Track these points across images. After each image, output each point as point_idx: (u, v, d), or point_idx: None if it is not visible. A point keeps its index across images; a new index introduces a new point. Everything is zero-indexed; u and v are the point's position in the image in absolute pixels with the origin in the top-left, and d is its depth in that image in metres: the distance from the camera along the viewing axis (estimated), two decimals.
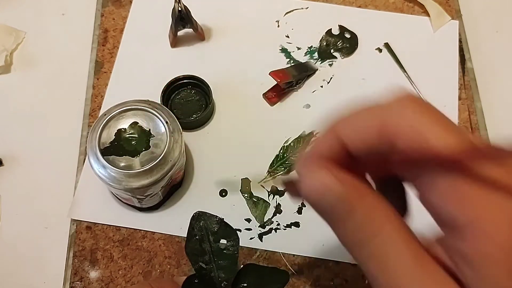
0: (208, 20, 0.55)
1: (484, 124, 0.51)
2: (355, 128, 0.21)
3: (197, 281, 0.35)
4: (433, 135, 0.18)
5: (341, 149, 0.21)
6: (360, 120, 0.21)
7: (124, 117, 0.40)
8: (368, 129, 0.20)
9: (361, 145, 0.20)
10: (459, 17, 0.57)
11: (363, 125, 0.20)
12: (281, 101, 0.52)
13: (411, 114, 0.19)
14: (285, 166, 0.48)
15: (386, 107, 0.20)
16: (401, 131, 0.19)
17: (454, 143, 0.18)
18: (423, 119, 0.19)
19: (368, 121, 0.20)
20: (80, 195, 0.46)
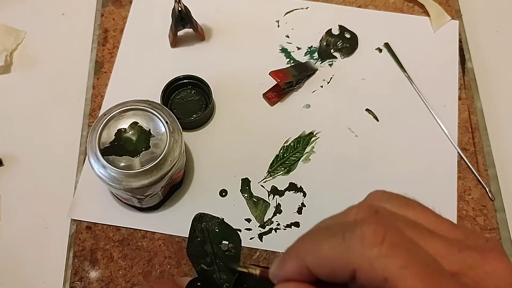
0: (208, 20, 0.55)
1: (484, 124, 0.51)
2: (318, 260, 0.21)
3: (200, 284, 0.35)
4: (398, 279, 0.18)
5: (308, 273, 0.22)
6: (323, 253, 0.21)
7: (124, 117, 0.40)
8: (331, 265, 0.21)
9: (326, 276, 0.21)
10: (459, 17, 0.57)
11: (325, 259, 0.21)
12: (281, 101, 0.52)
13: (374, 255, 0.19)
14: (285, 166, 0.48)
15: (349, 242, 0.20)
16: (364, 273, 0.19)
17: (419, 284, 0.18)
18: (387, 261, 0.19)
19: (330, 256, 0.21)
20: (80, 195, 0.46)
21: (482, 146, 0.50)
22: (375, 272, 0.19)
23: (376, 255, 0.19)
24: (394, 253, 0.19)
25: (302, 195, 0.47)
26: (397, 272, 0.18)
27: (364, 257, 0.19)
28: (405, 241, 0.20)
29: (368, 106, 0.52)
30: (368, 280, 0.19)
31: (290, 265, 0.23)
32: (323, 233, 0.22)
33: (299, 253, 0.22)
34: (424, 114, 0.51)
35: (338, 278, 0.21)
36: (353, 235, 0.20)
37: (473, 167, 0.48)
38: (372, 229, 0.20)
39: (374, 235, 0.20)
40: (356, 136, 0.50)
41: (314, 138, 0.50)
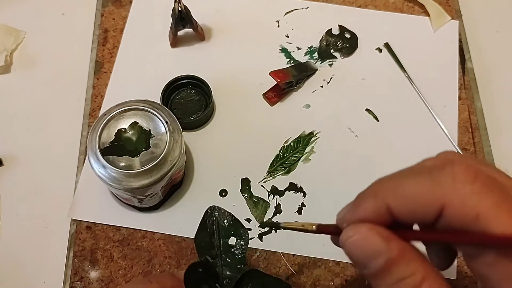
0: (208, 20, 0.55)
1: (484, 124, 0.51)
2: (403, 199, 0.21)
3: (201, 270, 0.34)
4: (491, 217, 0.18)
5: (386, 215, 0.21)
6: (410, 190, 0.21)
7: (124, 117, 0.40)
8: (418, 202, 0.20)
9: (409, 216, 0.20)
10: (459, 17, 0.57)
11: (413, 197, 0.20)
12: (281, 101, 0.52)
13: (467, 191, 0.19)
14: (285, 166, 0.48)
15: (439, 179, 0.20)
16: (454, 209, 0.19)
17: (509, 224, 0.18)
18: (480, 198, 0.19)
19: (418, 194, 0.20)
20: (80, 195, 0.46)
21: (482, 146, 0.50)
22: (466, 209, 0.19)
23: (469, 191, 0.19)
24: (487, 191, 0.19)
25: (302, 195, 0.47)
26: (490, 209, 0.18)
27: (456, 193, 0.19)
28: (496, 182, 0.20)
29: (368, 106, 0.52)
30: (458, 217, 0.19)
31: (367, 206, 0.22)
32: (405, 174, 0.22)
33: (378, 192, 0.22)
34: (424, 114, 0.51)
35: (422, 216, 0.20)
36: (443, 172, 0.20)
37: None
38: (463, 167, 0.20)
39: (466, 173, 0.19)
40: (356, 136, 0.50)
41: (314, 138, 0.50)
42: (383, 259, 0.20)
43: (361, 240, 0.21)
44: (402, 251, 0.20)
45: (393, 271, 0.20)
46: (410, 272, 0.19)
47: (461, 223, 0.19)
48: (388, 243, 0.20)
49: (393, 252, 0.20)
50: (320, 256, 0.44)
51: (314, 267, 0.44)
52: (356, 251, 0.21)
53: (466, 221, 0.19)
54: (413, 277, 0.19)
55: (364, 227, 0.21)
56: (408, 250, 0.20)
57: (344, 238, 0.21)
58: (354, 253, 0.21)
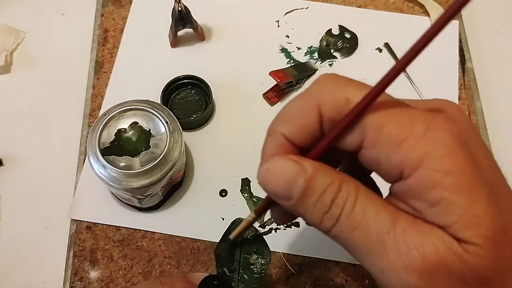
0: (208, 20, 0.55)
1: (484, 124, 0.51)
2: (289, 121, 0.22)
3: (216, 283, 0.34)
4: (356, 97, 0.20)
5: (287, 144, 0.22)
6: (291, 111, 0.22)
7: (124, 117, 0.40)
8: (300, 117, 0.22)
9: (301, 134, 0.22)
10: (459, 17, 0.57)
11: (294, 114, 0.22)
12: (281, 101, 0.52)
13: (332, 86, 0.21)
14: None
15: (309, 90, 0.22)
16: (328, 104, 0.21)
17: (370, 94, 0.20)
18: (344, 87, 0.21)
19: (297, 109, 0.22)
20: (80, 195, 0.46)
21: None
22: (336, 98, 0.21)
23: (334, 86, 0.21)
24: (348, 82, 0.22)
25: None
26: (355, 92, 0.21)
27: (324, 91, 0.21)
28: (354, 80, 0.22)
29: None
30: (332, 108, 0.21)
31: (268, 145, 0.23)
32: (286, 104, 0.23)
33: (271, 128, 0.23)
34: None
35: (310, 128, 0.22)
36: (311, 86, 0.22)
37: None
38: (325, 75, 0.22)
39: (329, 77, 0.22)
40: None
41: None
42: (302, 180, 0.20)
43: (276, 168, 0.21)
44: (315, 166, 0.21)
45: (314, 186, 0.20)
46: (328, 181, 0.20)
47: (337, 114, 0.21)
48: (301, 164, 0.21)
49: (309, 170, 0.21)
50: (320, 256, 0.44)
51: (314, 267, 0.44)
52: (275, 180, 0.21)
53: (340, 109, 0.21)
54: (332, 185, 0.20)
55: (275, 157, 0.22)
56: (321, 165, 0.21)
57: (261, 175, 0.22)
58: (274, 184, 0.21)
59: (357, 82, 0.21)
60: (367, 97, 0.20)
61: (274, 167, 0.21)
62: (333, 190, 0.20)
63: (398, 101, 0.21)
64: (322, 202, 0.20)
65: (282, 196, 0.21)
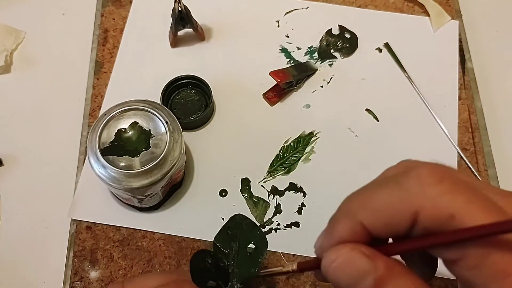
0: (208, 20, 0.55)
1: (484, 124, 0.51)
2: (374, 213, 0.20)
3: (210, 261, 0.34)
4: (465, 214, 0.18)
5: (363, 231, 0.20)
6: (379, 203, 0.20)
7: (124, 117, 0.40)
8: (389, 214, 0.19)
9: (384, 229, 0.20)
10: (459, 17, 0.57)
11: (383, 209, 0.20)
12: (281, 101, 0.52)
13: (437, 193, 0.18)
14: (285, 166, 0.48)
15: (406, 185, 0.19)
16: (427, 213, 0.18)
17: (487, 218, 0.17)
18: (451, 197, 0.18)
19: (388, 204, 0.19)
20: (80, 195, 0.46)
21: (482, 146, 0.50)
22: (439, 210, 0.18)
23: (439, 192, 0.18)
24: (456, 189, 0.18)
25: (302, 195, 0.47)
26: (463, 207, 0.18)
27: (426, 196, 0.18)
28: (463, 180, 0.19)
29: (368, 106, 0.52)
30: (432, 220, 0.18)
31: (342, 226, 0.21)
32: (372, 186, 0.21)
33: (350, 210, 0.21)
34: (424, 114, 0.51)
35: (398, 227, 0.19)
36: (408, 178, 0.19)
37: (473, 167, 0.48)
38: (428, 169, 0.19)
39: (432, 174, 0.19)
40: (356, 136, 0.50)
41: (314, 138, 0.50)
42: (372, 279, 0.19)
43: (346, 262, 0.20)
44: (388, 268, 0.19)
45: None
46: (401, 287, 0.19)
47: (436, 226, 0.18)
48: (373, 261, 0.19)
49: (380, 270, 0.19)
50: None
51: None
52: (342, 274, 0.20)
53: (441, 223, 0.18)
54: None
55: (345, 248, 0.20)
56: (395, 265, 0.19)
57: (327, 264, 0.20)
58: (340, 278, 0.20)
59: (465, 188, 0.18)
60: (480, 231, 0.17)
61: (344, 259, 0.20)
62: None
63: None
64: None
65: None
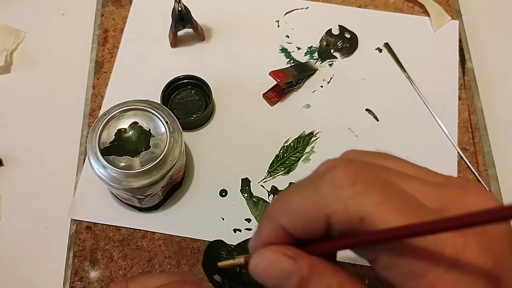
0: (208, 20, 0.55)
1: (484, 124, 0.51)
2: (291, 216, 0.20)
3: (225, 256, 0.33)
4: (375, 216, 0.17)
5: (285, 233, 0.20)
6: (295, 206, 0.20)
7: (124, 117, 0.40)
8: (304, 217, 0.19)
9: (303, 231, 0.20)
10: (459, 17, 0.57)
11: (298, 212, 0.19)
12: (281, 101, 0.52)
13: (347, 195, 0.18)
14: (285, 166, 0.48)
15: (320, 188, 0.19)
16: (339, 217, 0.18)
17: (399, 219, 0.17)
18: (361, 199, 0.18)
19: (303, 208, 0.19)
20: (80, 195, 0.46)
21: (482, 146, 0.50)
22: (349, 214, 0.18)
23: (350, 195, 0.18)
24: (368, 190, 0.18)
25: None
26: (374, 209, 0.17)
27: (337, 200, 0.18)
28: (379, 179, 0.19)
29: (368, 106, 0.52)
30: (344, 223, 0.18)
31: (266, 229, 0.21)
32: (294, 189, 0.21)
33: (272, 214, 0.21)
34: (424, 114, 0.51)
35: (314, 230, 0.19)
36: (324, 180, 0.19)
37: (473, 167, 0.48)
38: (342, 170, 0.19)
39: (346, 176, 0.18)
40: (356, 136, 0.50)
41: (314, 138, 0.50)
42: (296, 279, 0.19)
43: (269, 265, 0.20)
44: (312, 267, 0.19)
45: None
46: (325, 285, 0.19)
47: (350, 229, 0.18)
48: (296, 262, 0.19)
49: (304, 270, 0.19)
50: None
51: None
52: (267, 277, 0.20)
53: (353, 226, 0.18)
54: None
55: (268, 251, 0.20)
56: (319, 263, 0.19)
57: (252, 267, 0.20)
58: (266, 280, 0.20)
59: (380, 188, 0.18)
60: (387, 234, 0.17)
61: (267, 263, 0.20)
62: None
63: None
64: None
65: None
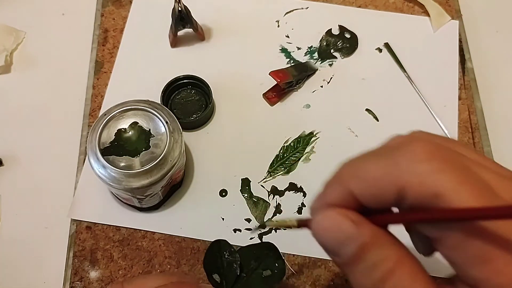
0: (208, 20, 0.55)
1: (484, 124, 0.51)
2: (363, 182, 0.20)
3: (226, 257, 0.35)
4: (451, 195, 0.17)
5: (352, 199, 0.20)
6: (369, 173, 0.20)
7: (124, 117, 0.40)
8: (377, 185, 0.19)
9: (372, 199, 0.20)
10: (459, 17, 0.57)
11: (372, 179, 0.19)
12: (281, 101, 0.52)
13: (425, 170, 0.18)
14: (285, 166, 0.48)
15: (396, 159, 0.19)
16: (413, 190, 0.18)
17: (475, 202, 0.17)
18: (439, 176, 0.17)
19: (377, 176, 0.19)
20: (80, 195, 0.46)
21: (482, 146, 0.50)
22: (425, 188, 0.18)
23: (427, 170, 0.18)
24: (446, 168, 0.18)
25: (302, 195, 0.47)
26: (450, 187, 0.17)
27: (414, 173, 0.18)
28: (457, 160, 0.18)
29: (368, 106, 0.52)
30: (417, 197, 0.18)
31: (333, 192, 0.21)
32: (368, 156, 0.20)
33: (342, 178, 0.21)
34: (424, 114, 0.51)
35: (385, 200, 0.19)
36: (401, 152, 0.19)
37: None
38: (421, 145, 0.18)
39: (424, 150, 0.18)
40: (356, 136, 0.50)
41: (314, 138, 0.50)
42: (355, 245, 0.19)
43: (331, 225, 0.20)
44: (374, 236, 0.19)
45: (365, 257, 0.19)
46: (383, 257, 0.18)
47: (422, 204, 0.18)
48: (359, 228, 0.19)
49: (365, 237, 0.19)
50: (320, 256, 0.44)
51: (314, 267, 0.44)
52: (326, 236, 0.20)
53: (426, 201, 0.18)
54: (385, 262, 0.18)
55: (333, 211, 0.20)
56: (381, 235, 0.19)
57: (314, 225, 0.20)
58: (325, 240, 0.20)
59: (457, 168, 0.18)
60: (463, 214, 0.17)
61: (330, 223, 0.20)
62: (385, 270, 0.18)
63: None
64: (369, 276, 0.19)
65: (330, 251, 0.20)
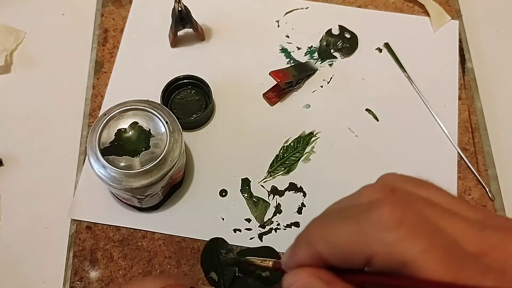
0: (208, 20, 0.55)
1: (484, 124, 0.51)
2: (331, 248, 0.20)
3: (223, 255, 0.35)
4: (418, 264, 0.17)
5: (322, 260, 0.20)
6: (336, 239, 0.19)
7: (124, 117, 0.40)
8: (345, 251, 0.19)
9: (340, 263, 0.20)
10: (459, 17, 0.57)
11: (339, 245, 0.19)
12: (281, 101, 0.52)
13: (392, 240, 0.18)
14: (285, 166, 0.48)
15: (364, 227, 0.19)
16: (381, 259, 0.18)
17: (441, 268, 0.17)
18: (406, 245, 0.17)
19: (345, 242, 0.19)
20: (80, 195, 0.46)
21: (482, 146, 0.50)
22: (393, 258, 0.18)
23: (394, 239, 0.18)
24: (413, 235, 0.18)
25: (302, 195, 0.47)
26: (417, 256, 0.17)
27: (381, 243, 0.18)
28: (424, 222, 0.18)
29: (368, 106, 0.52)
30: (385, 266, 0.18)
31: (302, 253, 0.21)
32: (335, 217, 0.20)
33: (310, 239, 0.21)
34: (424, 114, 0.51)
35: (354, 264, 0.19)
36: (368, 219, 0.18)
37: (473, 167, 0.48)
38: (388, 211, 0.18)
39: (391, 218, 0.18)
40: (356, 136, 0.50)
41: (314, 138, 0.50)
42: None
43: (302, 286, 0.20)
44: None
45: None
46: None
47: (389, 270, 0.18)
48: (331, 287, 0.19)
49: None
50: None
51: None
52: None
53: (394, 268, 0.18)
54: None
55: (304, 273, 0.20)
56: None
57: (286, 286, 0.20)
58: None
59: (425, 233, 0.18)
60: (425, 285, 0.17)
61: (300, 284, 0.20)
62: None
63: None
64: None
65: None
